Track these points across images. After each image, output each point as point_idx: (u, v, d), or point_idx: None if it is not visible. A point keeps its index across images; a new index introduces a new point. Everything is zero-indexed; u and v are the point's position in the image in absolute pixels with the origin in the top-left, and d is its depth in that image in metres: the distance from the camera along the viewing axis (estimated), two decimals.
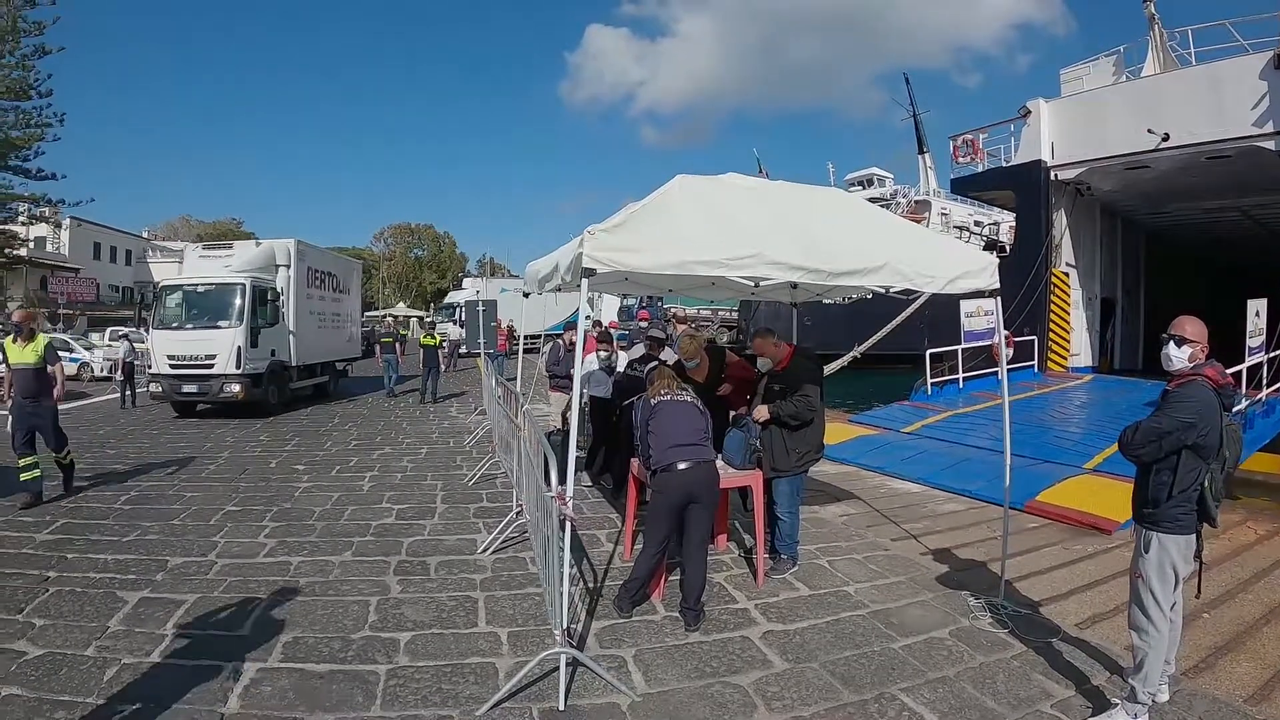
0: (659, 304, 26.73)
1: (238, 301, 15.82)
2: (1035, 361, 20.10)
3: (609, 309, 32.72)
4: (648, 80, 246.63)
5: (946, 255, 5.94)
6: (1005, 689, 4.42)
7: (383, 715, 4.10)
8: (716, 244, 4.90)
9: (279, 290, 17.28)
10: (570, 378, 10.06)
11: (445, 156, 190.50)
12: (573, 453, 4.91)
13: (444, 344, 25.19)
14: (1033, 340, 20.06)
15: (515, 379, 10.67)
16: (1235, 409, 11.99)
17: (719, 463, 5.86)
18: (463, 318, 32.37)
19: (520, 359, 10.75)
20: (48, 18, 37.24)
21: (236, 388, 15.44)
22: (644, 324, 12.98)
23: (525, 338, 13.23)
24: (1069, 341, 21.77)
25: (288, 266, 17.71)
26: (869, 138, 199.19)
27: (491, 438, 11.72)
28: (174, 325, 16.15)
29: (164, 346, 15.95)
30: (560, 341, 10.82)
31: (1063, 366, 21.27)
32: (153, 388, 16.14)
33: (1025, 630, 5.23)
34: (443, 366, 22.46)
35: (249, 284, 15.94)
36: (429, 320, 24.06)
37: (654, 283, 7.53)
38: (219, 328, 15.67)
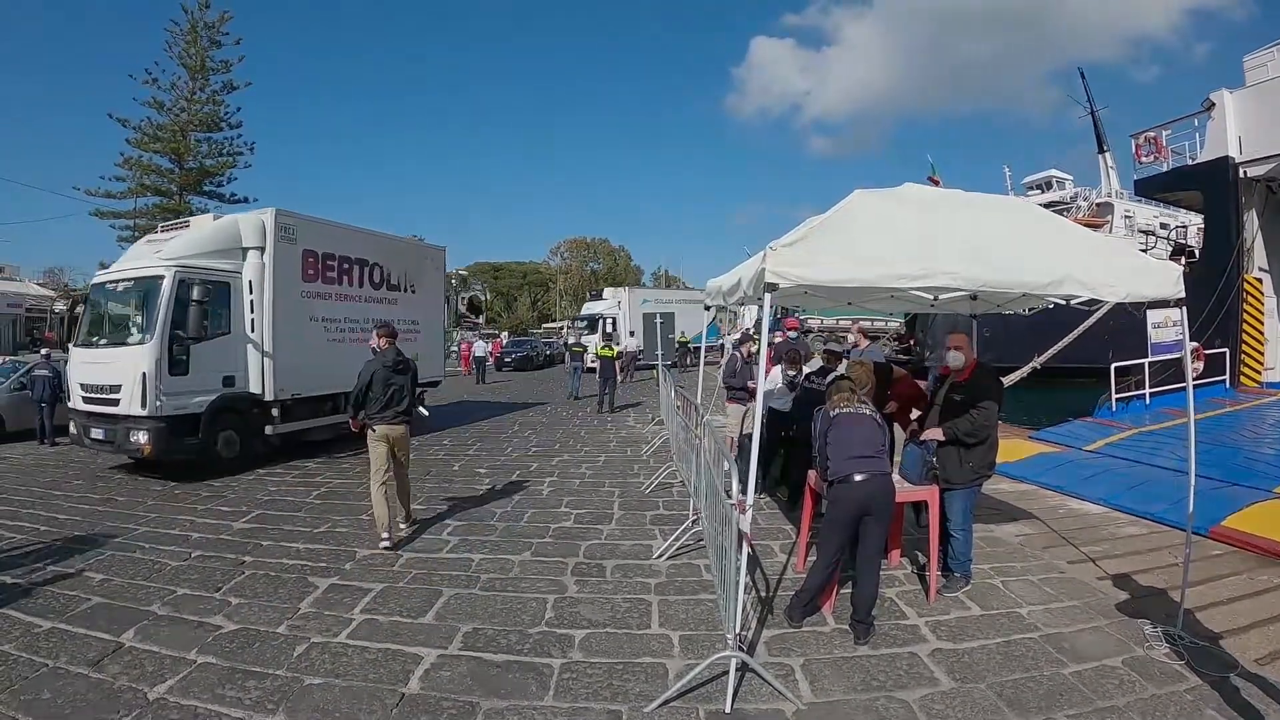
0: (795, 314, 26.45)
1: (154, 304, 10.82)
2: (1226, 376, 18.83)
3: (748, 318, 32.67)
4: (814, 89, 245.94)
5: (1128, 263, 5.79)
6: None
7: (554, 705, 4.38)
8: (894, 258, 4.99)
9: (230, 285, 11.79)
10: (746, 389, 10.24)
11: (620, 171, 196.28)
12: (754, 465, 5.00)
13: (621, 354, 25.82)
14: (1224, 353, 18.81)
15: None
16: None
17: (895, 476, 5.90)
18: (608, 329, 32.40)
19: (702, 371, 10.85)
20: (233, 56, 40.91)
21: (141, 437, 10.45)
22: (793, 334, 12.88)
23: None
24: (1264, 354, 20.26)
25: (262, 250, 12.21)
26: (1045, 138, 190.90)
27: (668, 447, 11.98)
28: (91, 341, 11.74)
29: (77, 371, 11.73)
30: (738, 354, 10.93)
31: (1257, 381, 19.81)
32: (72, 429, 11.68)
33: (1201, 663, 5.03)
34: (619, 377, 22.39)
35: (174, 276, 10.88)
36: (608, 331, 24.30)
37: (834, 295, 7.60)
38: (124, 345, 11.06)
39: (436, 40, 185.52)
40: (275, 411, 12.27)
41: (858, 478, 5.28)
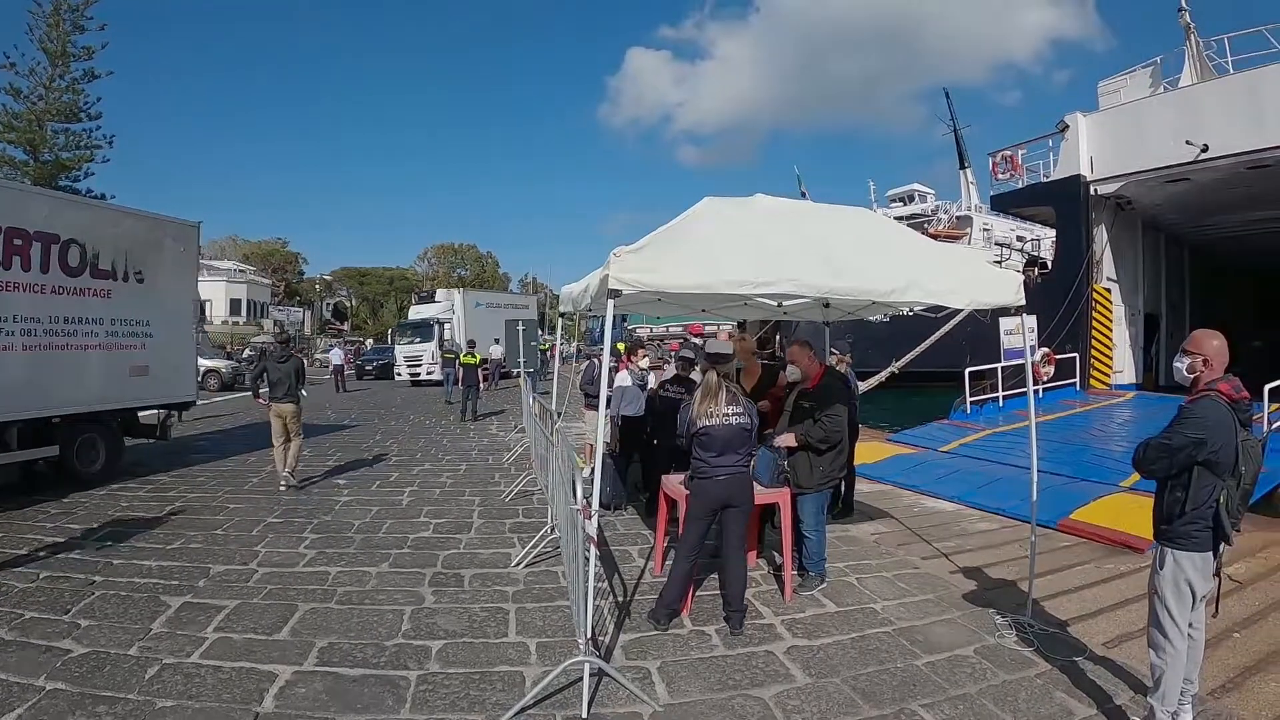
0: (624, 323, 26.56)
1: None
2: (1077, 379, 19.86)
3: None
4: (688, 101, 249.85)
5: (972, 273, 6.00)
6: (1026, 707, 4.43)
7: (411, 718, 4.23)
8: (740, 264, 5.03)
9: None
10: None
11: (489, 178, 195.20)
12: (599, 468, 5.00)
13: (486, 362, 25.43)
14: (1074, 358, 19.84)
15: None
16: (1277, 424, 11.88)
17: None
18: (444, 337, 32.10)
19: (556, 377, 10.85)
20: (96, 43, 38.28)
21: None
22: (698, 340, 13.01)
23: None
24: (1112, 358, 21.49)
25: None
26: (910, 154, 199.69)
27: (530, 455, 11.87)
28: None
29: None
30: (596, 360, 10.94)
31: (1105, 384, 20.98)
32: None
33: (1050, 649, 5.21)
34: (482, 385, 22.20)
35: None
36: (469, 339, 23.58)
37: (685, 302, 7.64)
38: None
39: (304, 43, 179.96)
40: None
41: (720, 475, 5.37)
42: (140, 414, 12.35)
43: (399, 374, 34.87)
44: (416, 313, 38.17)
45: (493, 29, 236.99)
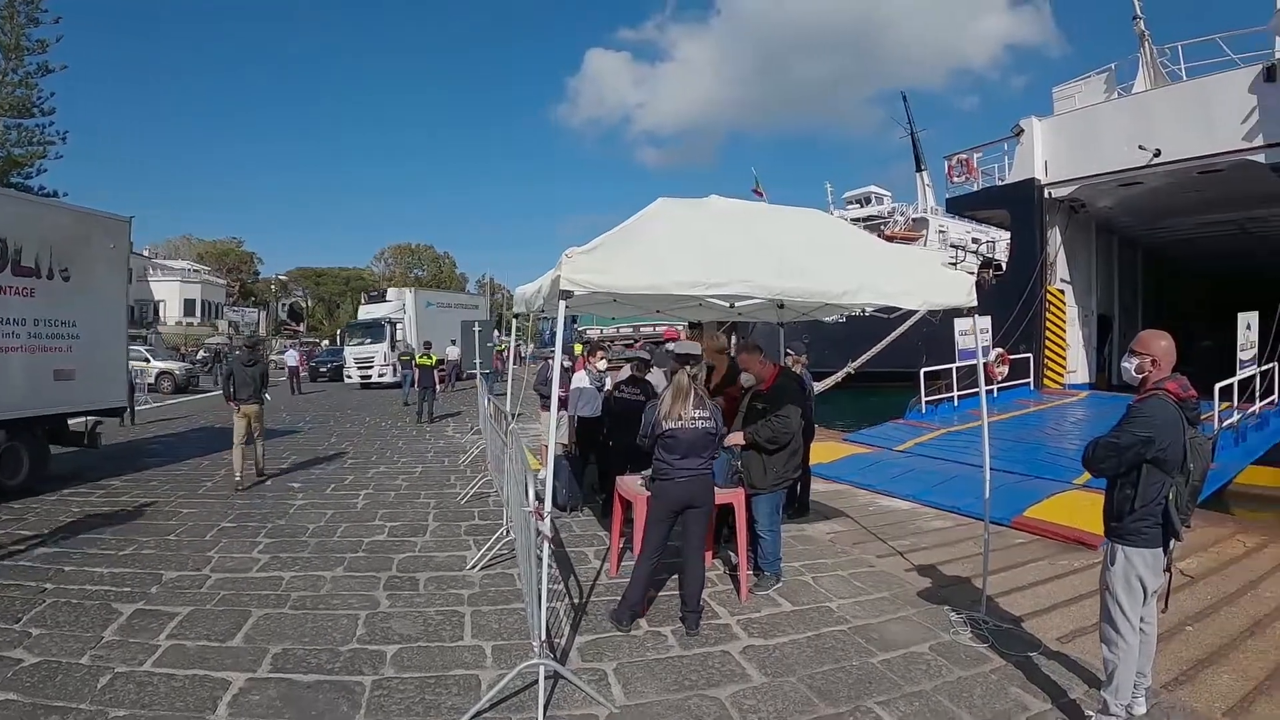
0: (574, 324, 26.44)
1: None
2: (1031, 379, 20.16)
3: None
4: (648, 102, 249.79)
5: (925, 274, 6.06)
6: (981, 702, 4.47)
7: None
8: (692, 265, 5.03)
9: None
10: (559, 398, 10.23)
11: (448, 179, 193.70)
12: (550, 469, 5.03)
13: (442, 363, 25.18)
14: (1028, 358, 20.13)
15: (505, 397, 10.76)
16: (1226, 422, 12.15)
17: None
18: (396, 338, 31.39)
19: (511, 378, 10.82)
20: (50, 36, 37.67)
21: None
22: (672, 345, 12.98)
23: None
24: (1065, 358, 21.86)
25: None
26: (868, 156, 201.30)
27: (485, 457, 11.80)
28: None
29: None
30: (549, 361, 10.92)
31: (1059, 383, 21.35)
32: None
33: (1005, 645, 5.26)
34: (438, 387, 22.02)
35: None
36: (425, 340, 22.95)
37: (639, 303, 7.63)
38: None
39: (264, 40, 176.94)
40: None
41: (681, 477, 5.38)
42: (70, 420, 11.72)
43: (348, 376, 33.65)
44: (367, 312, 36.95)
45: (455, 29, 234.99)
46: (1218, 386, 12.69)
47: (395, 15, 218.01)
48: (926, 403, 17.25)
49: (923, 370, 17.54)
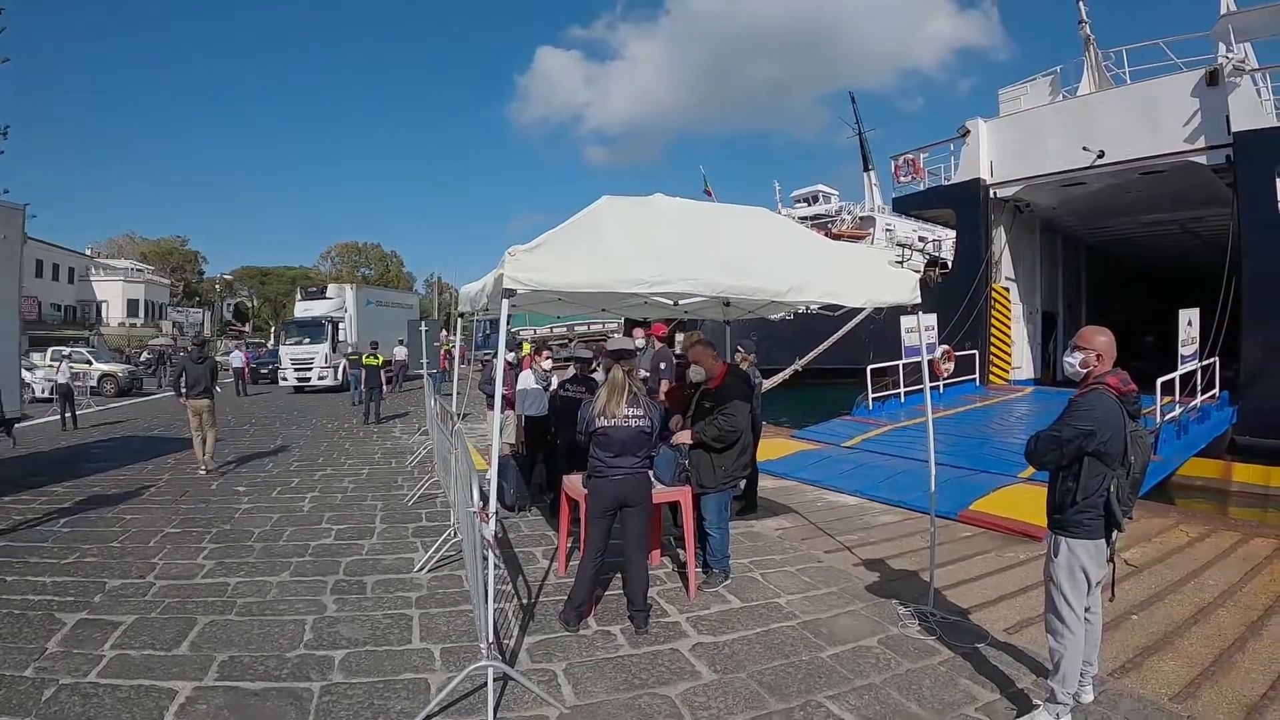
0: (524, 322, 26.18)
1: None
2: (977, 375, 20.47)
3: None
4: (597, 101, 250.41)
5: (870, 272, 6.13)
6: (930, 694, 4.54)
7: None
8: (636, 263, 5.04)
9: None
10: (505, 398, 10.21)
11: (396, 177, 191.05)
12: (494, 469, 5.03)
13: (389, 364, 24.80)
14: (974, 354, 20.44)
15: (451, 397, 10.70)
16: (1169, 416, 12.46)
17: (650, 474, 5.97)
18: (338, 338, 29.89)
19: (455, 378, 10.77)
20: None
21: None
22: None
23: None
24: (1010, 355, 22.23)
25: None
26: (816, 156, 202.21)
27: (433, 458, 11.72)
28: None
29: None
30: (495, 361, 10.88)
31: (1004, 379, 21.69)
32: None
33: (953, 636, 5.34)
34: (385, 388, 21.28)
35: None
36: (372, 341, 21.91)
37: (584, 301, 7.63)
38: None
39: (210, 37, 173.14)
40: None
41: (616, 475, 5.41)
42: None
43: (283, 379, 30.58)
44: (305, 309, 33.29)
45: (406, 25, 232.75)
46: (1160, 381, 13.00)
47: (344, 11, 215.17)
48: (874, 399, 17.36)
49: (870, 367, 17.70)
